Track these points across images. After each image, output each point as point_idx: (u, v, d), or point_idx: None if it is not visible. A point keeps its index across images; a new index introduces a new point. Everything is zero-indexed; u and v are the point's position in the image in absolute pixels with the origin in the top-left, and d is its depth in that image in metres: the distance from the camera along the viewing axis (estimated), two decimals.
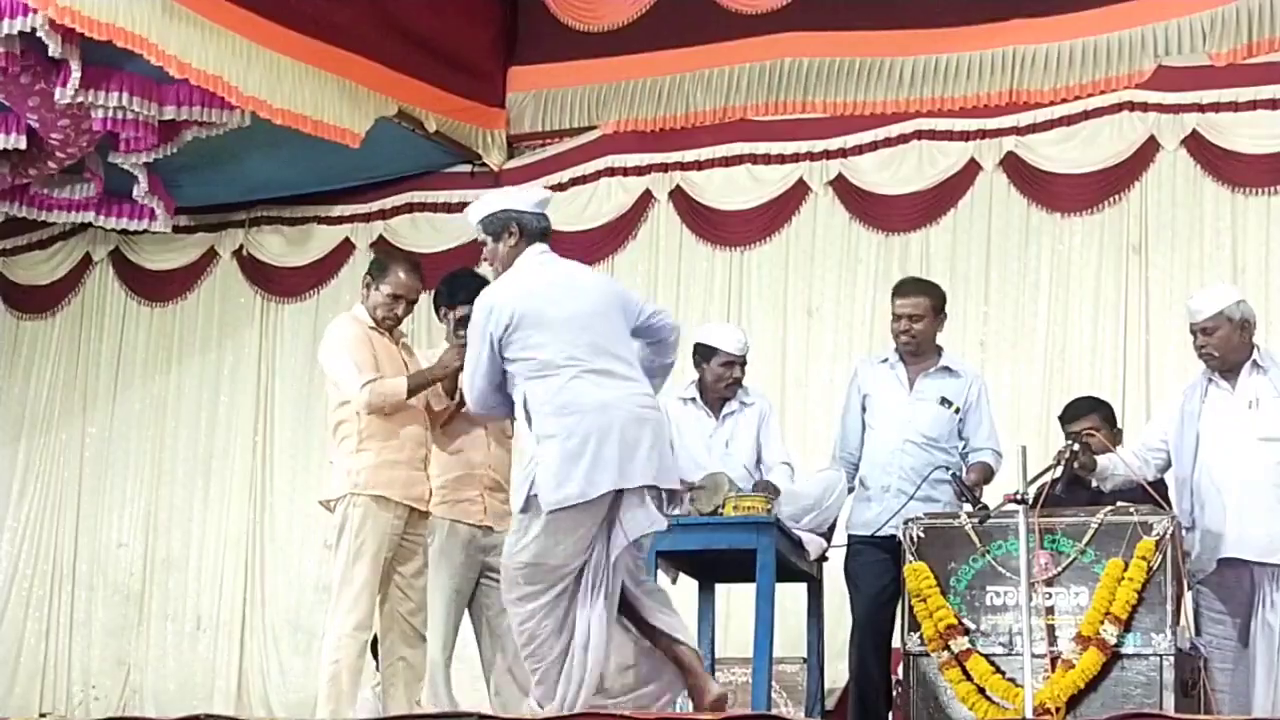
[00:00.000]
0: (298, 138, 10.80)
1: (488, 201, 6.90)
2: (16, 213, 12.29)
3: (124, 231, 12.77)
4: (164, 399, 13.00)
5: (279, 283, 12.82)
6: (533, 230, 6.78)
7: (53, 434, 13.25)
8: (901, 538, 7.30)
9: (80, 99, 10.29)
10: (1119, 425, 8.35)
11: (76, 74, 10.08)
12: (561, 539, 6.37)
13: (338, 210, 12.67)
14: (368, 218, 12.52)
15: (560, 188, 12.02)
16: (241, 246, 12.93)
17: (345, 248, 12.57)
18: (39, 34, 9.70)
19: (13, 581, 13.03)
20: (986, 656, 6.98)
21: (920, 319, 7.99)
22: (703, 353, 8.05)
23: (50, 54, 9.92)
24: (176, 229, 12.68)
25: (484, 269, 7.17)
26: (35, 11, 9.50)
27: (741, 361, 8.05)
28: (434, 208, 12.43)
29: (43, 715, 12.47)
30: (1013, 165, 10.99)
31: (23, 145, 10.90)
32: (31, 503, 13.16)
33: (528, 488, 6.39)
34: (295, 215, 12.81)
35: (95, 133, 10.84)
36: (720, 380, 8.00)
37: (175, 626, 12.57)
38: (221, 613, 12.40)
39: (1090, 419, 7.98)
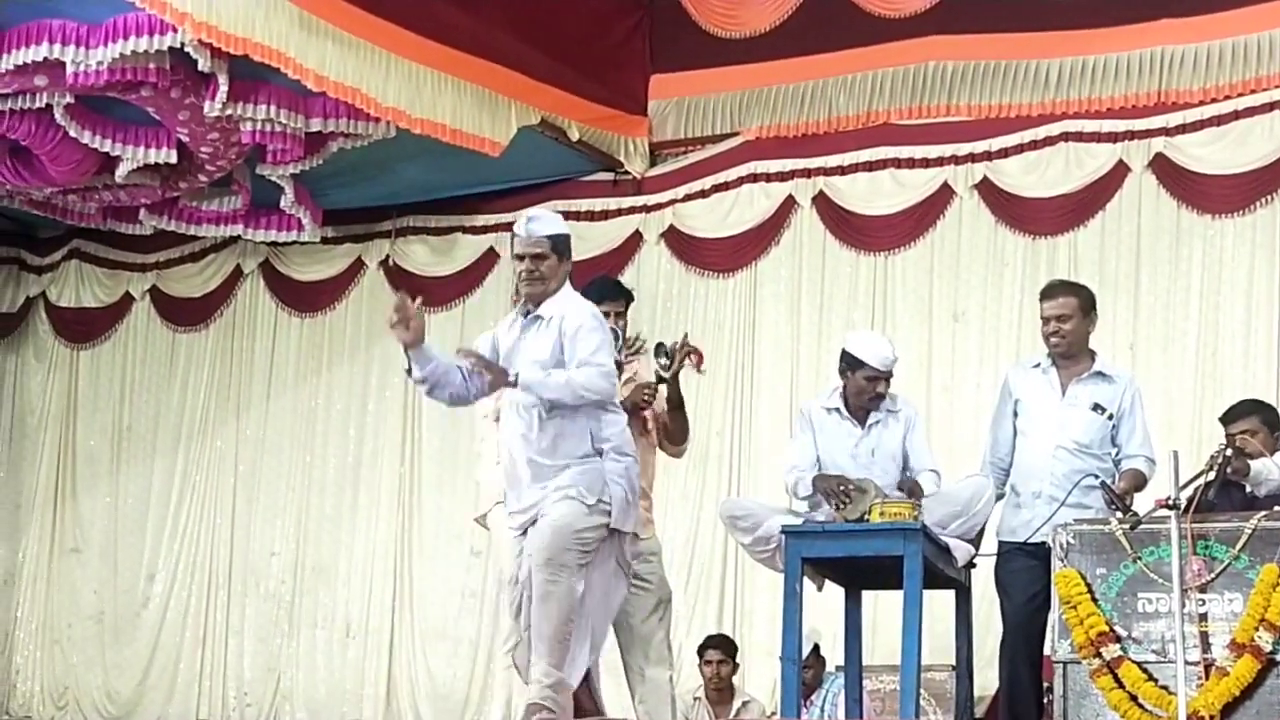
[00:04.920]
0: (441, 147, 10.87)
1: (557, 221, 7.20)
2: (167, 226, 12.52)
3: (273, 243, 12.93)
4: (314, 408, 13.15)
5: (425, 292, 12.68)
6: None
7: (208, 444, 13.45)
8: (1051, 544, 7.22)
9: (229, 112, 10.43)
10: None
11: (224, 88, 10.21)
12: None
13: (481, 219, 12.74)
14: (512, 226, 12.53)
15: (703, 194, 12.06)
16: (388, 256, 13.02)
17: (490, 257, 12.61)
18: (187, 49, 9.83)
19: (171, 590, 13.24)
20: (1139, 664, 6.89)
21: (1069, 319, 7.90)
22: (849, 361, 7.89)
23: (199, 68, 10.06)
24: (324, 240, 12.86)
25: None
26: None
27: (887, 377, 7.89)
28: (577, 216, 12.40)
29: None
30: (1162, 166, 10.84)
31: (173, 159, 11.09)
32: (189, 512, 13.36)
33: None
34: (440, 225, 12.91)
35: (244, 145, 10.98)
36: (862, 393, 7.86)
37: (325, 633, 12.69)
38: (370, 619, 12.51)
39: (1248, 421, 7.85)
